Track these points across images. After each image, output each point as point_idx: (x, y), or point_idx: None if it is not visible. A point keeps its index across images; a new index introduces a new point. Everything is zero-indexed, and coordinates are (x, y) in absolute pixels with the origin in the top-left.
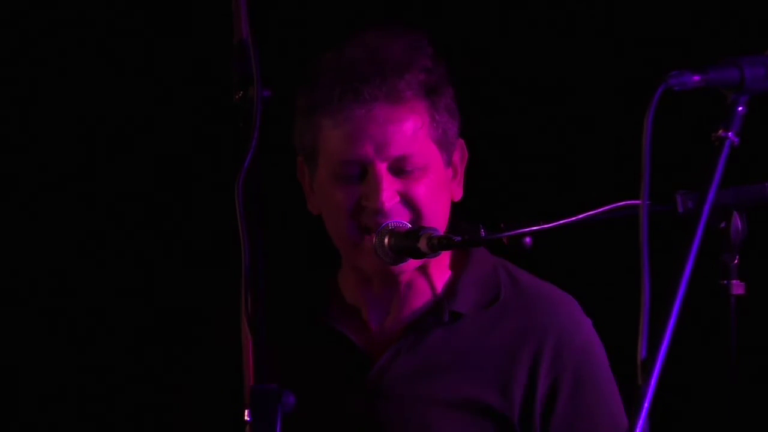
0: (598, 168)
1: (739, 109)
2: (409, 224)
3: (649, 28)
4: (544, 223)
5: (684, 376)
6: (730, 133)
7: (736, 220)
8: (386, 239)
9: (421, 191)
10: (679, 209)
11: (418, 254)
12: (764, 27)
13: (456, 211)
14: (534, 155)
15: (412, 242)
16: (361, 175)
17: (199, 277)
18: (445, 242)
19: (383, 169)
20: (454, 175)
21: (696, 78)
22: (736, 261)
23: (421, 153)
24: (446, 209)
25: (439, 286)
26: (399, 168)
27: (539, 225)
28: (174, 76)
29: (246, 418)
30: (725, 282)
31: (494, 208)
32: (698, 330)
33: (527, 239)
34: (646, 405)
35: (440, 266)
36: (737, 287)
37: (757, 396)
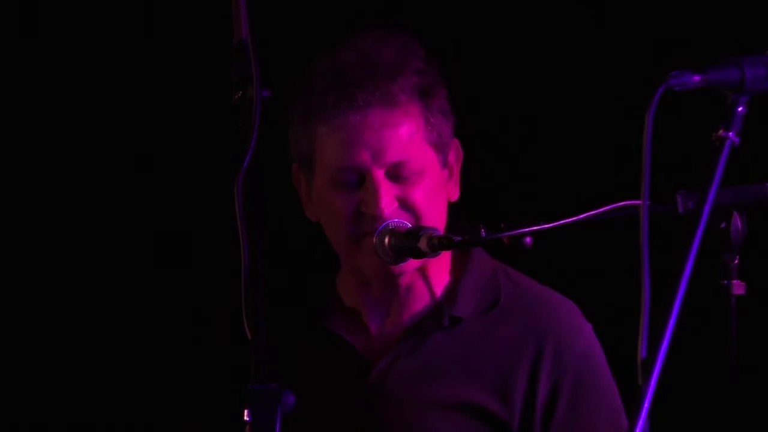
0: (598, 168)
1: (740, 109)
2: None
3: (650, 28)
4: (544, 223)
5: (684, 376)
6: (730, 133)
7: (736, 220)
8: (387, 239)
9: (418, 195)
10: (680, 209)
11: (419, 254)
12: (764, 27)
13: (453, 210)
14: (534, 155)
15: (413, 242)
16: (359, 181)
17: (199, 277)
18: (445, 242)
19: (380, 175)
20: (450, 175)
21: (696, 78)
22: (736, 261)
23: (418, 157)
24: (444, 210)
25: (439, 289)
26: (396, 174)
27: (539, 225)
28: (174, 76)
29: (246, 418)
30: (725, 282)
31: (494, 208)
32: (698, 330)
33: (527, 239)
34: (646, 405)
35: (440, 270)
36: (737, 287)
37: (757, 396)
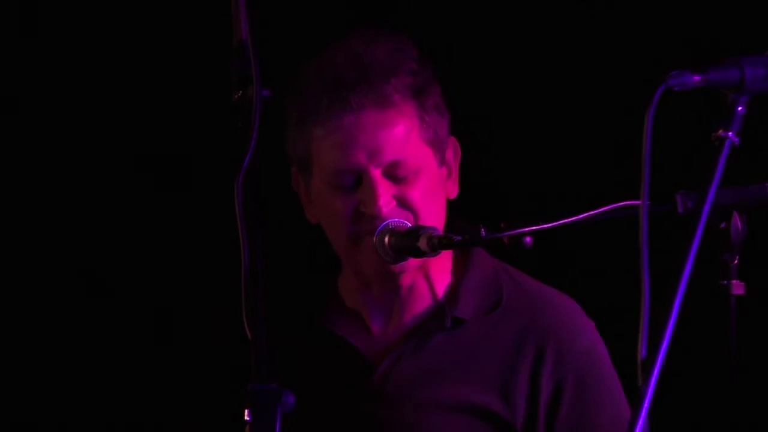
0: (598, 168)
1: (739, 109)
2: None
3: (650, 28)
4: (544, 223)
5: (684, 376)
6: (730, 133)
7: (736, 220)
8: (386, 238)
9: (416, 194)
10: (679, 209)
11: (419, 253)
12: (764, 27)
13: (452, 209)
14: (534, 155)
15: (413, 241)
16: (357, 182)
17: (199, 277)
18: (445, 241)
19: (378, 175)
20: (448, 173)
21: (696, 78)
22: (736, 261)
23: (414, 156)
24: (442, 209)
25: (440, 290)
26: (393, 173)
27: (539, 225)
28: (174, 76)
29: (246, 418)
30: (725, 282)
31: (494, 208)
32: (698, 330)
33: (527, 239)
34: (646, 405)
35: (441, 270)
36: (737, 287)
37: (757, 396)
